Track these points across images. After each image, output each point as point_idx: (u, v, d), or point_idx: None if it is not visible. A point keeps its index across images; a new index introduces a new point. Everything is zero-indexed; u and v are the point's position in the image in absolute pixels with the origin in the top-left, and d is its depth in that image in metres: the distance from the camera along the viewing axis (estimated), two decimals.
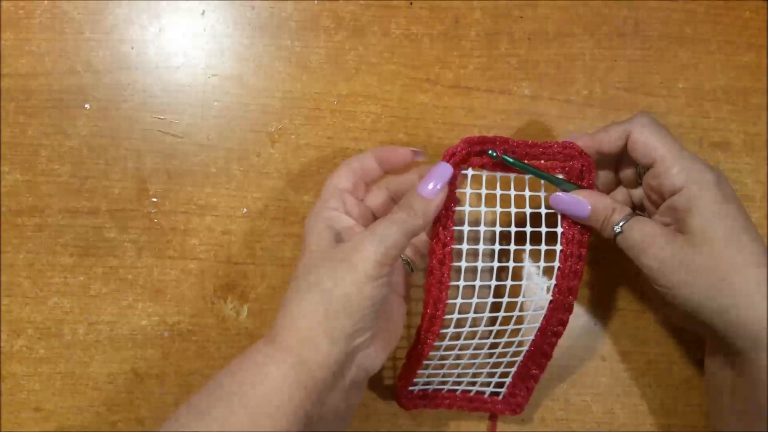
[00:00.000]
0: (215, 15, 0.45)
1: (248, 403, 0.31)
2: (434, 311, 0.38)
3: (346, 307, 0.33)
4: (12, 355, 0.43)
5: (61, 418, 0.43)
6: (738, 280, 0.34)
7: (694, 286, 0.35)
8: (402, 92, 0.45)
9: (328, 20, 0.45)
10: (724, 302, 0.34)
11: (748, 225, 0.35)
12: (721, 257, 0.34)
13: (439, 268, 0.37)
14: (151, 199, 0.44)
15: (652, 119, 0.37)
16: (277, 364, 0.33)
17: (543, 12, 0.46)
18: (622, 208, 0.37)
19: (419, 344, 0.39)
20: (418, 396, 0.43)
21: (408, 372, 0.41)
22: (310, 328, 0.33)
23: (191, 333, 0.44)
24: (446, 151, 0.37)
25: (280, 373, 0.32)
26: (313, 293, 0.34)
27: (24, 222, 0.43)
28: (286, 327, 0.34)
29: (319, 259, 0.35)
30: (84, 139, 0.44)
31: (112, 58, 0.44)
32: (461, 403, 0.43)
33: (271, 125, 0.45)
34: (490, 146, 0.37)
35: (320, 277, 0.34)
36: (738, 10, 0.47)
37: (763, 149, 0.47)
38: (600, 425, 0.46)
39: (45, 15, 0.44)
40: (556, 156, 0.38)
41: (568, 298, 0.39)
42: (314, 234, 0.36)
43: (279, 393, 0.32)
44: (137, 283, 0.44)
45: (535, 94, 0.46)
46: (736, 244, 0.34)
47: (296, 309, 0.34)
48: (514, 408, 0.43)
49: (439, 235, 0.37)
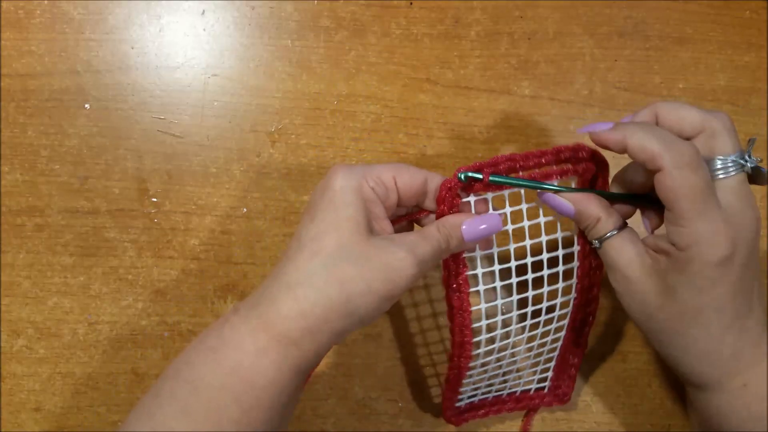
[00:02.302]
0: (215, 15, 0.45)
1: (241, 399, 0.30)
2: (462, 338, 0.38)
3: (362, 315, 0.31)
4: (12, 355, 0.43)
5: (61, 418, 0.43)
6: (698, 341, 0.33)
7: (652, 330, 0.35)
8: (402, 92, 0.45)
9: (328, 20, 0.45)
10: (678, 355, 0.35)
11: (738, 310, 0.33)
12: (687, 324, 0.33)
13: (458, 297, 0.37)
14: (151, 199, 0.44)
15: (694, 155, 0.31)
16: (276, 357, 0.30)
17: (543, 12, 0.46)
18: (607, 220, 0.35)
19: (455, 369, 0.39)
20: (466, 410, 0.43)
21: (450, 394, 0.42)
22: (320, 323, 0.30)
23: (191, 333, 0.44)
24: (443, 182, 0.35)
25: (281, 369, 0.30)
26: (333, 287, 0.30)
27: (24, 222, 0.43)
28: (293, 318, 0.30)
29: (351, 247, 0.31)
30: (84, 139, 0.44)
31: (112, 58, 0.44)
32: (510, 405, 0.44)
33: (271, 125, 0.45)
34: (490, 169, 0.35)
35: (348, 274, 0.30)
36: (738, 10, 0.47)
37: (763, 149, 0.47)
38: (600, 425, 0.46)
39: (45, 15, 0.44)
40: (569, 160, 0.36)
41: (591, 292, 0.40)
42: (350, 205, 0.32)
43: (275, 387, 0.30)
44: (137, 283, 0.44)
45: (535, 94, 0.46)
46: (707, 327, 0.33)
47: (309, 299, 0.30)
48: (561, 398, 0.44)
49: (450, 266, 0.36)
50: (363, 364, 0.45)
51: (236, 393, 0.30)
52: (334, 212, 0.32)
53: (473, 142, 0.45)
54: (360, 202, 0.32)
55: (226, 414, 0.29)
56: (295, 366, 0.31)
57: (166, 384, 0.31)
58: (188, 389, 0.30)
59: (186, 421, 0.29)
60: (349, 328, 0.31)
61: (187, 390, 0.30)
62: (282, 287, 0.31)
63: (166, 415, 0.30)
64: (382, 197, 0.34)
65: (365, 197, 0.33)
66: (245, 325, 0.31)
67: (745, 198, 0.33)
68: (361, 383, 0.45)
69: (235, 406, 0.30)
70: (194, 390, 0.30)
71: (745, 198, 0.33)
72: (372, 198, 0.33)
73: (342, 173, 0.33)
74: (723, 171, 0.32)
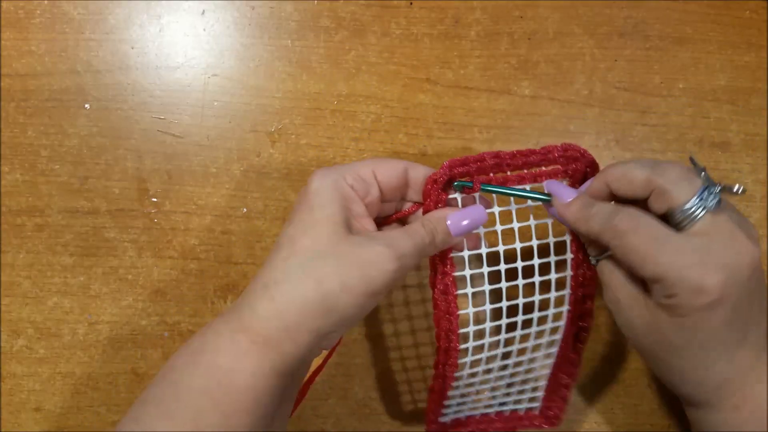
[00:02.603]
0: (215, 15, 0.45)
1: (221, 403, 0.29)
2: (447, 344, 0.36)
3: (342, 313, 0.30)
4: (12, 355, 0.43)
5: (61, 418, 0.43)
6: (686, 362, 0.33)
7: (640, 350, 0.35)
8: (402, 92, 0.45)
9: (328, 20, 0.45)
10: (665, 377, 0.34)
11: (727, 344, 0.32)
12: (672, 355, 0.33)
13: (444, 299, 0.36)
14: (151, 199, 0.44)
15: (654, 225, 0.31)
16: (255, 360, 0.30)
17: (543, 12, 0.46)
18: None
19: (439, 378, 0.38)
20: (451, 425, 0.42)
21: (435, 405, 0.40)
22: (298, 322, 0.30)
23: (191, 333, 0.44)
24: (429, 176, 0.35)
25: (260, 372, 0.30)
26: (309, 285, 0.30)
27: (24, 222, 0.43)
28: (269, 319, 0.30)
29: (327, 245, 0.31)
30: (84, 139, 0.44)
31: (112, 58, 0.44)
32: (497, 424, 0.42)
33: (271, 125, 0.45)
34: (476, 164, 0.35)
35: (324, 272, 0.30)
36: (738, 10, 0.47)
37: (763, 149, 0.47)
38: (600, 425, 0.46)
39: (45, 15, 0.44)
40: (558, 160, 0.36)
41: (585, 305, 0.38)
42: (325, 205, 0.31)
43: (254, 391, 0.30)
44: (137, 283, 0.44)
45: (535, 94, 0.46)
46: (692, 361, 0.32)
47: (284, 299, 0.30)
48: (552, 420, 0.42)
49: (437, 266, 0.35)
50: (363, 364, 0.45)
51: (216, 396, 0.29)
52: (309, 213, 0.32)
53: (473, 142, 0.45)
54: (336, 202, 0.32)
55: (206, 418, 0.29)
56: (275, 368, 0.30)
57: (153, 389, 0.31)
58: (171, 393, 0.30)
59: (169, 424, 0.29)
60: (330, 327, 0.31)
61: (170, 394, 0.30)
62: (258, 288, 0.31)
63: (152, 417, 0.30)
64: (363, 193, 0.34)
65: (344, 195, 0.33)
66: (226, 328, 0.31)
67: (727, 234, 0.31)
68: (361, 383, 0.45)
69: (215, 410, 0.29)
70: (176, 394, 0.30)
71: (727, 234, 0.31)
72: (350, 196, 0.33)
73: (318, 175, 0.33)
74: (687, 220, 0.31)
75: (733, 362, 0.32)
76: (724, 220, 0.31)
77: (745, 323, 0.31)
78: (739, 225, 0.31)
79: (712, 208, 0.30)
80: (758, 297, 0.32)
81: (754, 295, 0.31)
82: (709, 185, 0.31)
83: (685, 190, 0.31)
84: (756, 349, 0.32)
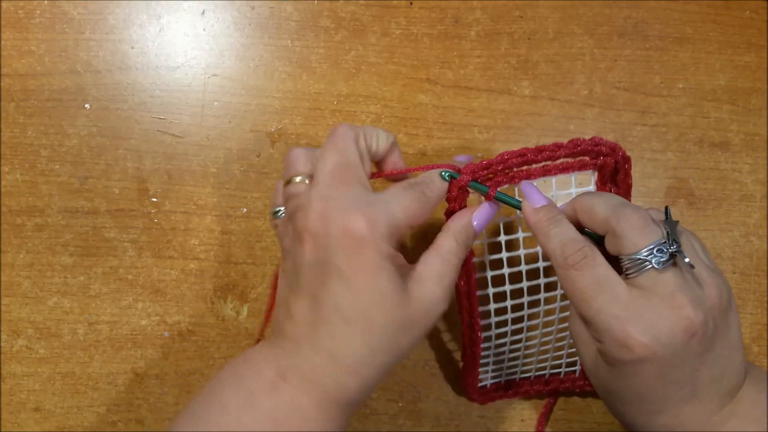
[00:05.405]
0: (215, 15, 0.45)
1: None
2: (471, 319, 0.38)
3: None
4: (12, 355, 0.43)
5: (61, 418, 0.43)
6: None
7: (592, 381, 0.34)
8: (402, 92, 0.45)
9: (328, 20, 0.45)
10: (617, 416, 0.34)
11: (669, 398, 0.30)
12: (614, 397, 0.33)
13: (465, 282, 0.37)
14: (151, 199, 0.44)
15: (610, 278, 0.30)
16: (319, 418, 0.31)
17: (543, 12, 0.46)
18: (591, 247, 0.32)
19: (468, 347, 0.40)
20: (492, 389, 0.43)
21: (469, 371, 0.41)
22: (348, 366, 0.31)
23: (191, 333, 0.44)
24: (454, 182, 0.34)
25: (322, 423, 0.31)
26: (391, 360, 0.32)
27: (24, 222, 0.43)
28: (358, 392, 0.31)
29: (398, 315, 0.31)
30: (84, 139, 0.44)
31: (112, 58, 0.44)
32: (539, 387, 0.43)
33: (271, 125, 0.45)
34: (500, 166, 0.35)
35: (402, 343, 0.31)
36: (738, 10, 0.47)
37: (763, 149, 0.47)
38: (600, 425, 0.46)
39: (45, 15, 0.44)
40: (587, 153, 0.36)
41: None
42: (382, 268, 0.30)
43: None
44: (137, 283, 0.44)
45: (535, 94, 0.46)
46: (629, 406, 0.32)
47: (373, 373, 0.31)
48: None
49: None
50: None
51: None
52: (373, 281, 0.30)
53: (473, 142, 0.45)
54: (390, 272, 0.31)
55: None
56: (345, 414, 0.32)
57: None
58: None
59: None
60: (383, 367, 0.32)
61: None
62: (341, 367, 0.31)
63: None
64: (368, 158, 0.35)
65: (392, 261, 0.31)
66: (307, 397, 0.31)
67: (667, 295, 0.29)
68: None
69: None
70: None
71: (667, 295, 0.29)
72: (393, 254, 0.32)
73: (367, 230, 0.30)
74: (632, 270, 0.30)
75: (679, 417, 0.31)
76: (668, 280, 0.29)
77: (690, 382, 0.30)
78: (683, 288, 0.29)
79: (659, 265, 0.29)
80: (712, 357, 0.30)
81: (706, 356, 0.30)
82: (666, 243, 0.29)
83: (636, 241, 0.30)
84: (710, 404, 0.31)
